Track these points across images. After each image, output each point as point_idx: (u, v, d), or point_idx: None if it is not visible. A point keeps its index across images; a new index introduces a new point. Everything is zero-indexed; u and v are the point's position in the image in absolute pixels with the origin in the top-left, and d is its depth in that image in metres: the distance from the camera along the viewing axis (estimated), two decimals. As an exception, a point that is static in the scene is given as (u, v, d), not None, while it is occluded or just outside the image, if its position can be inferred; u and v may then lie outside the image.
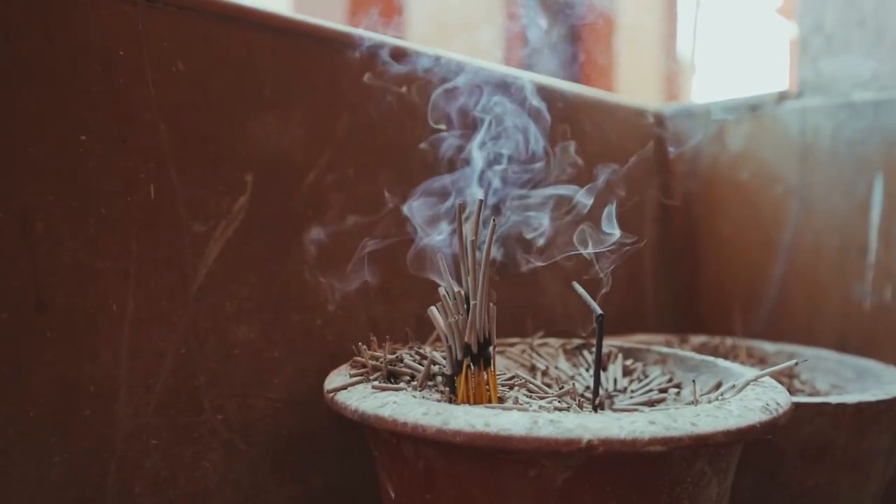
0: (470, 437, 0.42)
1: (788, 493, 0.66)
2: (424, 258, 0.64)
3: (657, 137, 1.12)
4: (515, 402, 0.56)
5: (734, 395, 0.52)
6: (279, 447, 0.65)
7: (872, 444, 0.65)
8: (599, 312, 0.55)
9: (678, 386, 0.64)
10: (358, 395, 0.51)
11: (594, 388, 0.58)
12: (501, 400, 0.56)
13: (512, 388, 0.59)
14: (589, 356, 0.73)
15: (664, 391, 0.63)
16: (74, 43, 0.52)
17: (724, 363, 0.62)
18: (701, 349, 0.90)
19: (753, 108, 1.07)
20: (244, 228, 0.62)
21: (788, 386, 0.79)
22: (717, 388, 0.59)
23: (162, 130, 0.57)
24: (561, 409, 0.55)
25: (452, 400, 0.54)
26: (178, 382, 0.58)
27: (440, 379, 0.57)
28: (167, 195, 0.57)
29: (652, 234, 1.12)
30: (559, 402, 0.57)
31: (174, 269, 0.58)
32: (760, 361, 0.88)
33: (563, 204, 0.71)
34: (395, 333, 0.72)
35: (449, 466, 0.46)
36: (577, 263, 0.68)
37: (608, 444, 0.41)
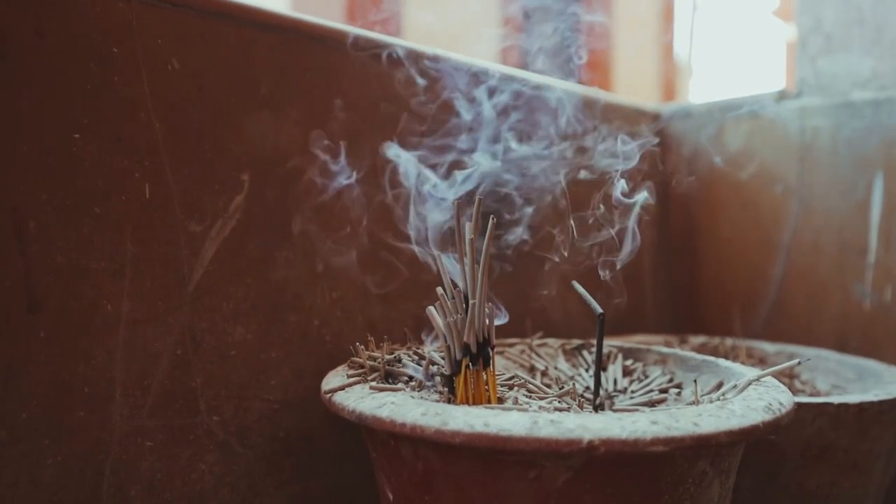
0: (469, 437, 0.42)
1: (789, 494, 0.65)
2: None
3: (656, 137, 1.12)
4: (515, 402, 0.55)
5: (736, 394, 0.52)
6: (276, 449, 0.64)
7: (874, 444, 0.65)
8: (600, 311, 0.54)
9: (679, 386, 0.63)
10: (355, 395, 0.50)
11: (595, 387, 0.57)
12: (501, 400, 0.56)
13: (511, 388, 0.59)
14: (588, 356, 0.72)
15: (665, 391, 0.62)
16: (68, 40, 0.51)
17: (725, 363, 0.62)
18: (700, 349, 0.89)
19: (752, 107, 1.06)
20: (241, 228, 0.62)
21: (789, 386, 0.79)
22: (718, 388, 0.59)
23: (157, 129, 0.56)
24: (561, 409, 0.54)
25: (451, 400, 0.54)
26: (173, 384, 0.58)
27: (439, 379, 0.57)
28: (162, 194, 0.57)
29: (651, 234, 1.12)
30: (559, 402, 0.56)
31: (170, 269, 0.57)
32: (760, 362, 0.88)
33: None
34: (392, 334, 0.72)
35: (448, 467, 0.46)
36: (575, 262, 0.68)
37: (610, 444, 0.40)
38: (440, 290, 0.55)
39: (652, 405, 0.60)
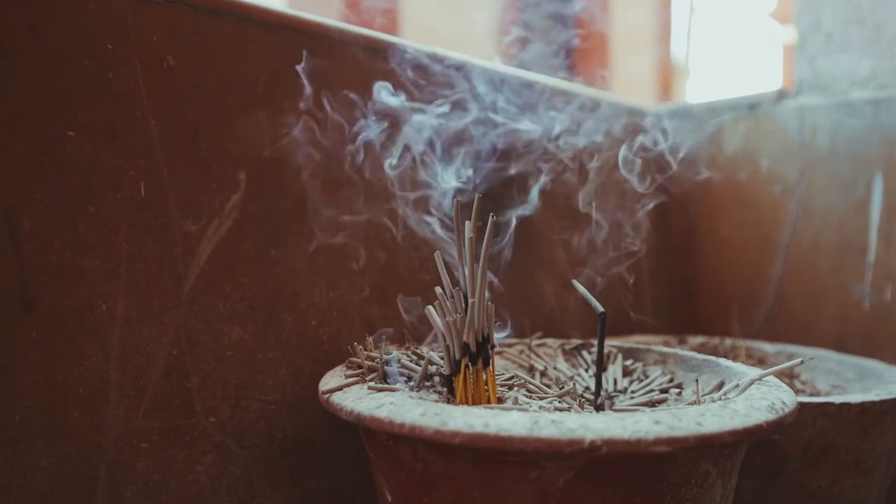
0: (469, 438, 0.41)
1: (791, 494, 0.65)
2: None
3: (655, 137, 1.11)
4: (515, 402, 0.55)
5: (738, 394, 0.51)
6: (273, 450, 0.64)
7: (876, 444, 0.65)
8: (601, 310, 0.54)
9: (679, 386, 0.63)
10: (353, 396, 0.50)
11: (596, 387, 0.57)
12: (500, 400, 0.55)
13: (511, 388, 0.58)
14: (588, 356, 0.72)
15: (665, 391, 0.62)
16: (62, 36, 0.51)
17: (725, 363, 0.61)
18: (700, 350, 0.89)
19: (751, 107, 1.06)
20: (237, 227, 0.61)
21: (789, 386, 0.78)
22: (719, 388, 0.58)
23: (152, 126, 0.56)
24: (561, 409, 0.54)
25: (450, 401, 0.53)
26: (169, 384, 0.57)
27: (438, 379, 0.56)
28: (158, 193, 0.56)
29: (650, 234, 1.11)
30: (559, 402, 0.55)
31: (165, 268, 0.57)
32: (760, 362, 0.88)
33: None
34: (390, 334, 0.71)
35: (447, 468, 0.45)
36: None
37: (611, 444, 0.40)
38: (439, 289, 0.54)
39: (652, 405, 0.59)
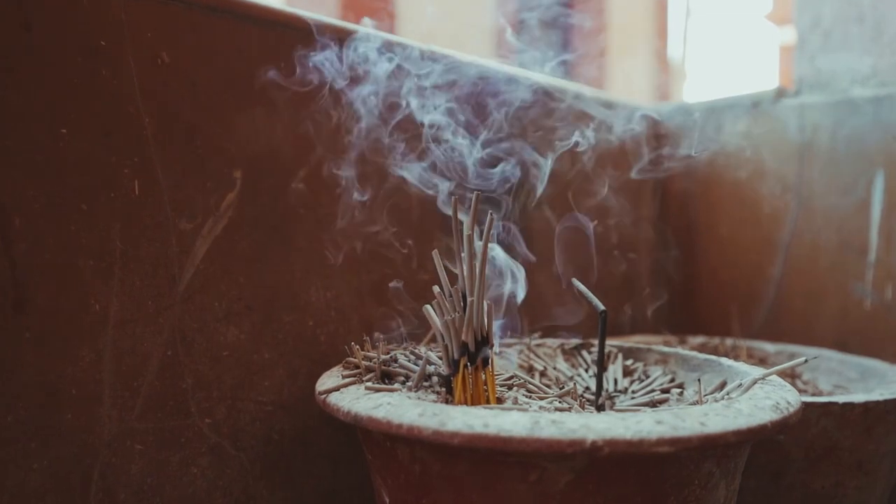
0: (468, 438, 0.40)
1: (794, 495, 0.64)
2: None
3: (654, 136, 1.11)
4: (514, 402, 0.54)
5: (741, 394, 0.50)
6: (270, 452, 0.63)
7: (879, 444, 0.64)
8: (602, 309, 0.53)
9: (681, 386, 0.62)
10: (351, 396, 0.49)
11: (597, 386, 0.56)
12: (500, 400, 0.54)
13: (510, 388, 0.57)
14: (588, 356, 0.71)
15: (666, 391, 0.61)
16: (54, 32, 0.50)
17: (727, 362, 0.61)
18: (700, 349, 0.88)
19: (751, 105, 1.06)
20: (233, 226, 0.60)
21: (791, 386, 0.78)
22: (721, 387, 0.58)
23: (146, 124, 0.55)
24: (562, 409, 0.53)
25: (449, 401, 0.53)
26: (164, 385, 0.56)
27: (436, 379, 0.55)
28: (152, 191, 0.55)
29: (649, 234, 1.11)
30: (560, 402, 0.55)
31: (160, 268, 0.56)
32: (761, 362, 0.87)
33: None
34: (388, 334, 0.70)
35: (446, 470, 0.44)
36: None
37: (614, 444, 0.39)
38: (436, 288, 0.54)
39: (654, 405, 0.59)
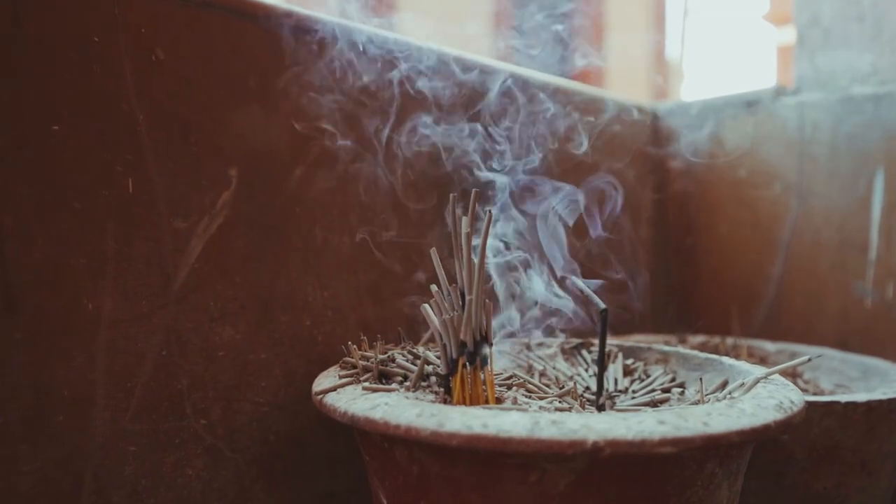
0: (467, 439, 0.40)
1: (796, 495, 0.64)
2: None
3: (653, 135, 1.10)
4: (514, 402, 0.53)
5: (744, 393, 0.50)
6: (266, 453, 0.62)
7: (882, 444, 0.63)
8: (603, 306, 0.52)
9: (682, 386, 0.62)
10: (348, 396, 0.48)
11: (598, 385, 0.55)
12: (499, 400, 0.54)
13: (510, 388, 0.57)
14: (587, 356, 0.70)
15: (667, 391, 0.60)
16: (46, 27, 0.49)
17: (729, 361, 0.60)
18: (700, 349, 0.87)
19: (750, 104, 1.05)
20: (228, 225, 0.59)
21: (792, 386, 0.77)
22: (722, 387, 0.57)
23: (140, 121, 0.54)
24: (562, 409, 0.52)
25: (447, 401, 0.52)
26: (158, 386, 0.55)
27: (434, 379, 0.55)
28: (146, 189, 0.55)
29: (648, 233, 1.10)
30: (560, 402, 0.54)
31: (154, 267, 0.55)
32: (762, 361, 0.86)
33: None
34: (386, 334, 0.70)
35: (444, 471, 0.44)
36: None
37: (615, 445, 0.38)
38: (434, 287, 0.53)
39: (655, 405, 0.58)
